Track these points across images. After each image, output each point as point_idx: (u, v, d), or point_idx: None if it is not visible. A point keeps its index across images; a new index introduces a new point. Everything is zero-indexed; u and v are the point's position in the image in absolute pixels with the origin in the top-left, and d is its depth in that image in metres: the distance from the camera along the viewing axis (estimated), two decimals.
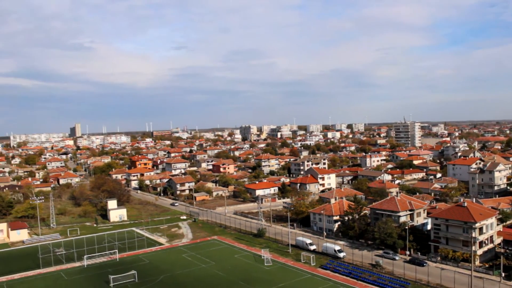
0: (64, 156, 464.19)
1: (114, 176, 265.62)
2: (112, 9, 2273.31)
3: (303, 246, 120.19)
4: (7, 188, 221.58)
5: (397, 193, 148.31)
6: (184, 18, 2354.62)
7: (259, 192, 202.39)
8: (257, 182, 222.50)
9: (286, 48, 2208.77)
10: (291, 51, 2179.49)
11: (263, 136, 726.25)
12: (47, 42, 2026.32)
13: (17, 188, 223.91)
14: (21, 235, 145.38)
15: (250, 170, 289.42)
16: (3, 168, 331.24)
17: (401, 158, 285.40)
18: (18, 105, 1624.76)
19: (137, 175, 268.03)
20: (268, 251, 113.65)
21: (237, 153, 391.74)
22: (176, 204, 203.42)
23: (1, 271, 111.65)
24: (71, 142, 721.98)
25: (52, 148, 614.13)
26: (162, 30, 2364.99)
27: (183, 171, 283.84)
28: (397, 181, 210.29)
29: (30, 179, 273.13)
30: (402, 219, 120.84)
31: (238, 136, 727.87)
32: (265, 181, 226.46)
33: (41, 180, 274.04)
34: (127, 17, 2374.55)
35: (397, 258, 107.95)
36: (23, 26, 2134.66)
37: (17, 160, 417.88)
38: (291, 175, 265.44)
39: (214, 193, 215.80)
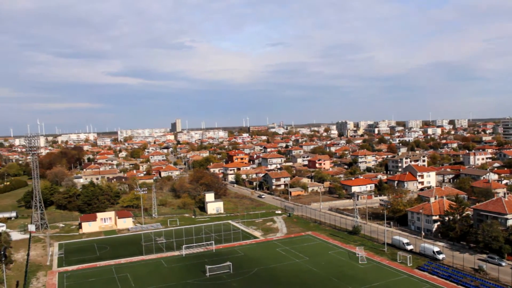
0: (165, 150, 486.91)
1: (212, 170, 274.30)
2: (211, 8, 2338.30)
3: (400, 246, 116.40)
4: (115, 180, 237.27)
5: (504, 194, 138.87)
6: (281, 14, 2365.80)
7: (355, 189, 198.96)
8: (353, 179, 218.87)
9: (385, 41, 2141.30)
10: (390, 44, 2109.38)
11: (360, 132, 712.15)
12: (151, 43, 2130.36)
13: (123, 180, 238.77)
14: (126, 223, 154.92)
15: (346, 166, 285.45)
16: (112, 161, 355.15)
17: (510, 157, 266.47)
18: (125, 102, 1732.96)
19: (234, 170, 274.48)
20: (363, 249, 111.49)
21: (333, 149, 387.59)
22: (263, 196, 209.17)
23: (110, 255, 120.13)
24: (172, 137, 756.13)
25: (154, 142, 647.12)
26: (259, 27, 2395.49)
27: (278, 166, 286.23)
28: (504, 181, 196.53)
29: (135, 171, 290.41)
30: (510, 223, 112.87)
31: (334, 132, 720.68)
32: (361, 177, 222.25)
33: (144, 172, 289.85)
34: (226, 15, 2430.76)
35: (503, 264, 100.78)
36: (129, 29, 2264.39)
37: (123, 154, 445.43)
38: (388, 172, 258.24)
39: (309, 189, 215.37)
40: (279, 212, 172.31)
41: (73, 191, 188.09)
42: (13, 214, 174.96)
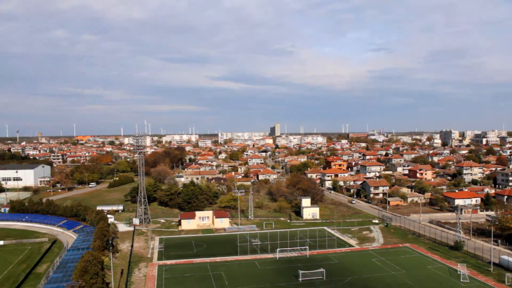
0: (263, 154, 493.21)
1: (309, 175, 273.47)
2: (313, 14, 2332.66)
3: (508, 267, 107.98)
4: (214, 180, 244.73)
5: None
6: (384, 19, 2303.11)
7: (458, 202, 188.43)
8: (456, 191, 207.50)
9: (497, 46, 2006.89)
10: (503, 49, 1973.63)
11: (466, 141, 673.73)
12: (253, 48, 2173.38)
13: (222, 181, 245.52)
14: (223, 223, 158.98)
15: (449, 178, 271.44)
16: (212, 162, 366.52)
17: None
18: (226, 106, 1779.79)
19: (331, 176, 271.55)
20: (465, 266, 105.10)
21: (435, 159, 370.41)
22: (353, 201, 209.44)
23: (206, 253, 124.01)
24: (270, 141, 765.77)
25: (253, 145, 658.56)
26: (361, 32, 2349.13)
27: (377, 174, 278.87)
28: None
29: (233, 173, 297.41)
30: None
31: (437, 141, 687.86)
32: (466, 190, 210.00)
33: (242, 174, 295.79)
34: (327, 21, 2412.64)
35: None
36: (233, 35, 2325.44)
37: (223, 155, 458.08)
38: (497, 186, 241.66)
39: (409, 199, 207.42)
40: (376, 221, 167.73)
41: (175, 189, 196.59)
42: (120, 207, 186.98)
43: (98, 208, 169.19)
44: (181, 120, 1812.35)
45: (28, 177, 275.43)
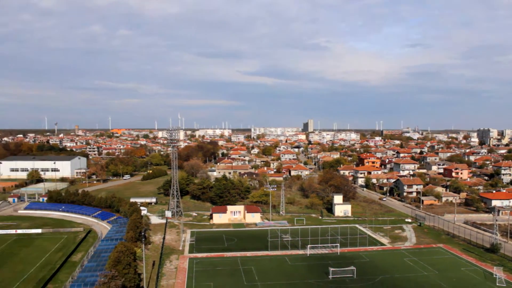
0: (296, 150, 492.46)
1: (341, 172, 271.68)
2: (348, 9, 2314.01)
3: None
4: (246, 175, 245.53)
5: None
6: (421, 13, 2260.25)
7: (495, 203, 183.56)
8: (494, 191, 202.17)
9: None
10: None
11: (505, 141, 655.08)
12: (287, 43, 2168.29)
13: (254, 176, 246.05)
14: (254, 218, 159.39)
15: (486, 178, 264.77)
16: (244, 157, 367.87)
17: None
18: (259, 101, 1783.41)
19: (364, 173, 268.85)
20: (501, 269, 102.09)
21: (472, 158, 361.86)
22: (384, 199, 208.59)
23: (237, 247, 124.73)
24: (303, 137, 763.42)
25: (286, 141, 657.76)
26: (397, 27, 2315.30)
27: (411, 172, 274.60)
28: None
29: (265, 168, 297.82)
30: None
31: (474, 140, 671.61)
32: (504, 191, 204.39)
33: (274, 170, 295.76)
34: (362, 16, 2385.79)
35: None
36: (267, 30, 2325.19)
37: (255, 151, 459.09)
38: None
39: (443, 199, 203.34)
40: (409, 220, 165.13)
41: (207, 183, 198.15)
42: (153, 200, 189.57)
43: (132, 200, 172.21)
44: (214, 114, 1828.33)
45: (65, 168, 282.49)
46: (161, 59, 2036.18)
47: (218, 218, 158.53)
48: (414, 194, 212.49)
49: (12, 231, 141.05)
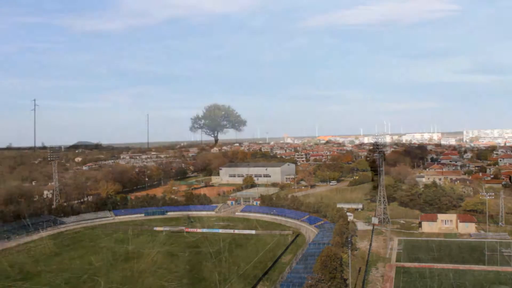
0: None
1: None
2: None
3: None
4: (458, 181, 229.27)
5: None
6: None
7: None
8: None
9: None
10: None
11: None
12: (504, 35, 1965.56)
13: (467, 182, 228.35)
14: (468, 228, 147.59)
15: None
16: (456, 162, 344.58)
17: None
18: (472, 101, 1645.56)
19: None
20: None
21: None
22: None
23: (449, 259, 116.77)
24: None
25: (504, 144, 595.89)
26: None
27: None
28: None
29: (480, 174, 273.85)
30: None
31: None
32: None
33: (491, 176, 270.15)
34: None
35: None
36: (476, 24, 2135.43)
37: (469, 155, 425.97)
38: None
39: None
40: None
41: (415, 190, 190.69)
42: (360, 206, 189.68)
43: (338, 205, 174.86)
44: (421, 118, 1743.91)
45: (276, 174, 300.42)
46: (364, 64, 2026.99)
47: (428, 227, 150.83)
48: None
49: (231, 231, 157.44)
